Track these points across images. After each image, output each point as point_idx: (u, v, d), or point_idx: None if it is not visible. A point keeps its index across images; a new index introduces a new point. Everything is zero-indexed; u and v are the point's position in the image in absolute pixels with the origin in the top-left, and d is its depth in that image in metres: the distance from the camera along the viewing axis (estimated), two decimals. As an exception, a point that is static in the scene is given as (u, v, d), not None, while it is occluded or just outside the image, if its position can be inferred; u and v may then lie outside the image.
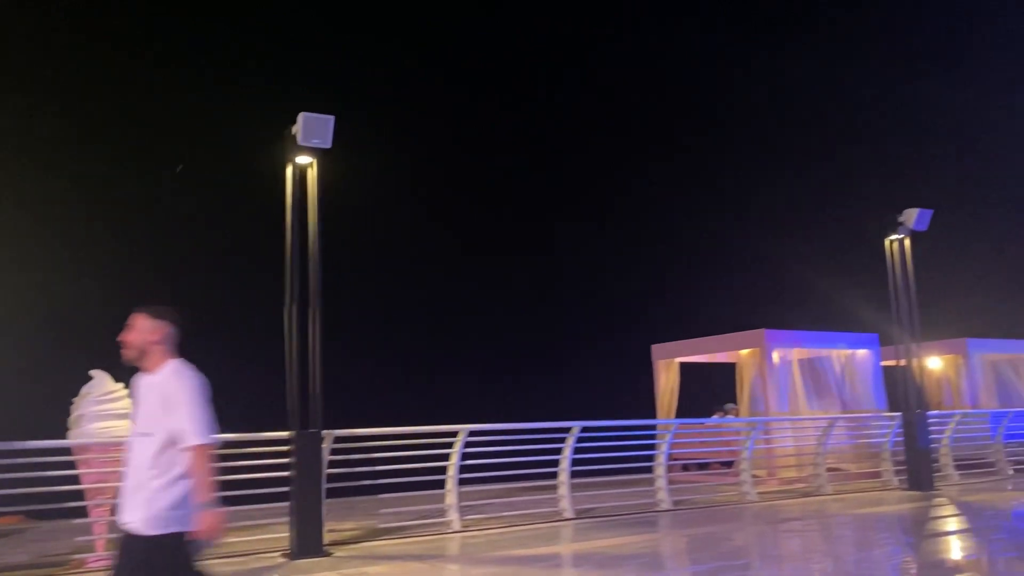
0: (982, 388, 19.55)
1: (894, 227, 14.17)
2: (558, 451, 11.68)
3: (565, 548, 9.79)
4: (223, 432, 4.84)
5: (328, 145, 9.35)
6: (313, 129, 9.23)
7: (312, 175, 9.56)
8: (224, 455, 9.05)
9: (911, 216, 13.93)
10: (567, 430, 11.62)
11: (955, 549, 9.60)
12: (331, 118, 9.29)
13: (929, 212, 13.86)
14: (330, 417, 9.42)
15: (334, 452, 9.65)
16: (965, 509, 12.21)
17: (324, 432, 9.32)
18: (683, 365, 19.19)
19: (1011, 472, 16.11)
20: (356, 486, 12.02)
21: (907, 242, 14.19)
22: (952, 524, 11.35)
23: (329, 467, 9.58)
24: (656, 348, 19.19)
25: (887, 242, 14.32)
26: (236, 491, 9.02)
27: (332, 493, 9.92)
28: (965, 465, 16.11)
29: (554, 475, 11.75)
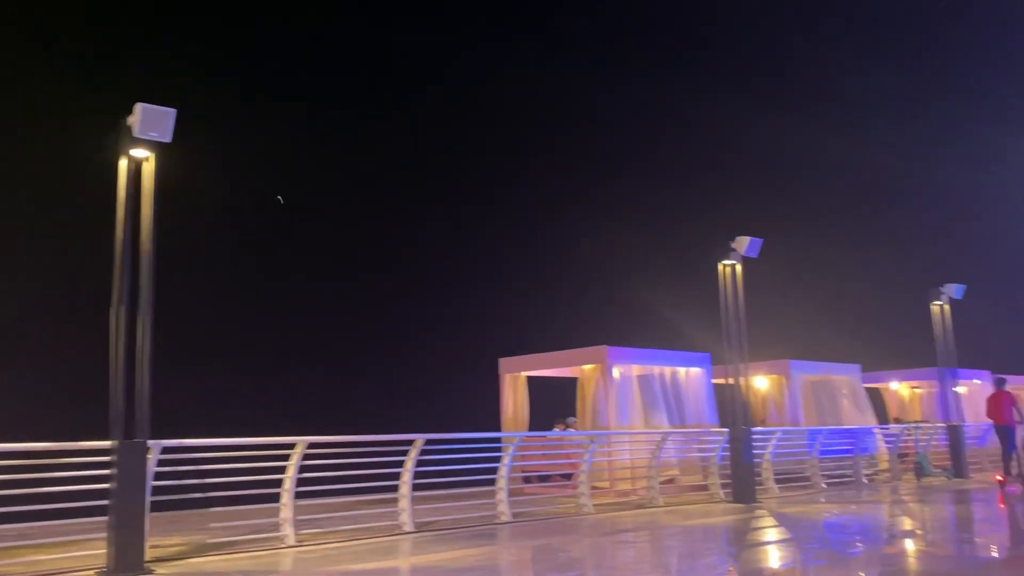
0: (802, 406, 20.96)
1: (727, 253, 15.00)
2: (401, 464, 11.56)
3: (403, 562, 9.68)
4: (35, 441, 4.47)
5: (168, 139, 8.89)
6: (152, 121, 8.75)
7: (149, 170, 9.05)
8: (36, 465, 8.40)
9: (743, 243, 14.79)
10: (410, 443, 11.53)
11: (773, 558, 10.19)
12: (172, 111, 8.84)
13: (759, 240, 14.77)
14: (158, 426, 8.91)
15: (161, 463, 9.13)
16: (783, 520, 13.01)
17: (151, 442, 8.80)
18: (530, 379, 19.52)
19: (824, 486, 17.33)
20: (184, 499, 11.43)
21: (738, 267, 15.05)
22: (771, 535, 12.06)
23: (155, 479, 9.05)
24: (503, 362, 19.41)
25: (720, 267, 15.13)
26: (49, 504, 8.39)
27: (158, 506, 9.38)
28: (784, 479, 17.20)
29: (396, 488, 11.62)
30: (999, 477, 17.48)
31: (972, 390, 26.06)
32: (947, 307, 20.60)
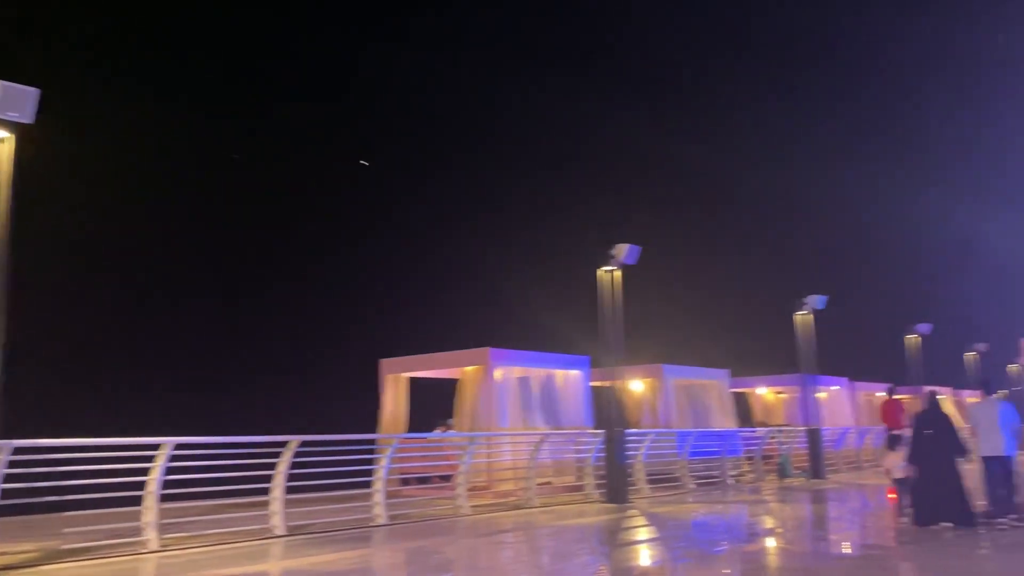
0: (674, 409, 21.68)
1: (607, 260, 15.37)
2: (274, 466, 11.26)
3: (272, 566, 9.43)
4: None
5: (29, 120, 8.36)
6: (12, 100, 8.22)
7: (6, 152, 8.49)
8: None
9: (622, 250, 15.20)
10: (284, 444, 11.24)
11: (643, 557, 10.49)
12: (35, 91, 8.32)
13: (638, 248, 15.21)
14: (9, 426, 8.36)
15: (12, 465, 8.56)
16: (653, 520, 13.42)
17: (1, 442, 8.25)
18: (412, 380, 19.38)
19: (693, 486, 17.97)
20: (38, 503, 10.75)
21: (617, 274, 15.44)
22: (642, 534, 12.41)
23: (5, 481, 8.49)
24: (385, 363, 19.20)
25: (600, 272, 15.49)
26: None
27: (8, 511, 8.80)
28: (656, 479, 17.74)
29: (269, 491, 11.30)
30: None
31: (831, 395, 27.64)
32: (810, 317, 21.77)
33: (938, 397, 12.36)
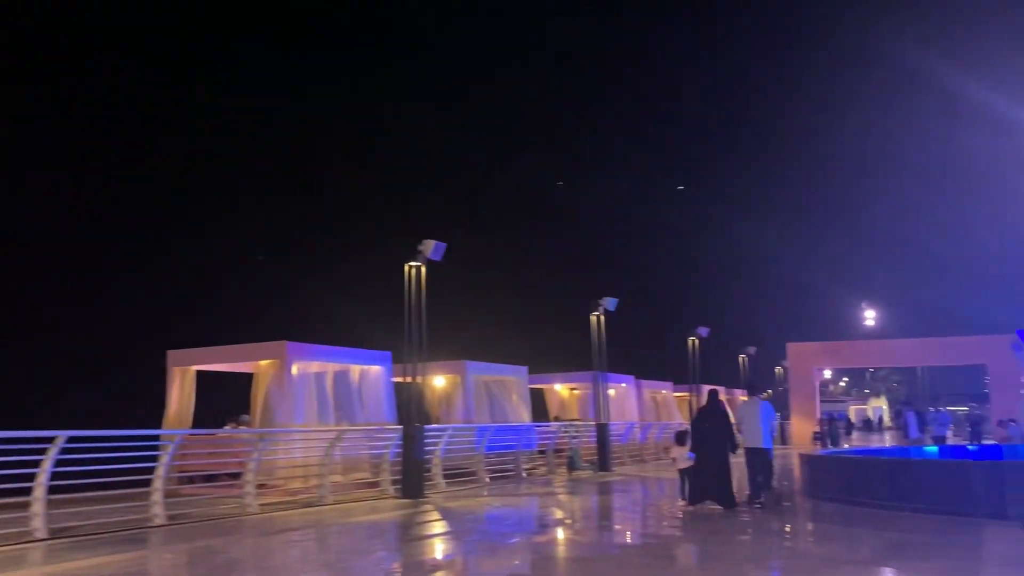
0: (475, 405, 21.99)
1: (413, 255, 15.32)
2: (38, 463, 10.26)
3: (28, 573, 8.57)
4: None
5: None
6: None
7: None
8: None
9: (428, 247, 15.20)
10: (50, 440, 10.28)
11: (436, 551, 10.52)
12: None
13: (443, 245, 15.27)
14: None
15: None
16: (447, 514, 13.51)
17: None
18: (200, 374, 18.38)
19: (488, 480, 18.28)
20: None
21: (423, 269, 15.42)
22: (435, 528, 12.45)
23: None
24: (172, 354, 18.07)
25: (406, 268, 15.40)
26: None
27: None
28: (453, 474, 17.89)
29: (30, 491, 10.28)
30: None
31: (620, 392, 29.13)
32: (603, 317, 22.81)
33: (718, 394, 14.09)
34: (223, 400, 20.44)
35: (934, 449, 20.11)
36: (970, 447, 21.77)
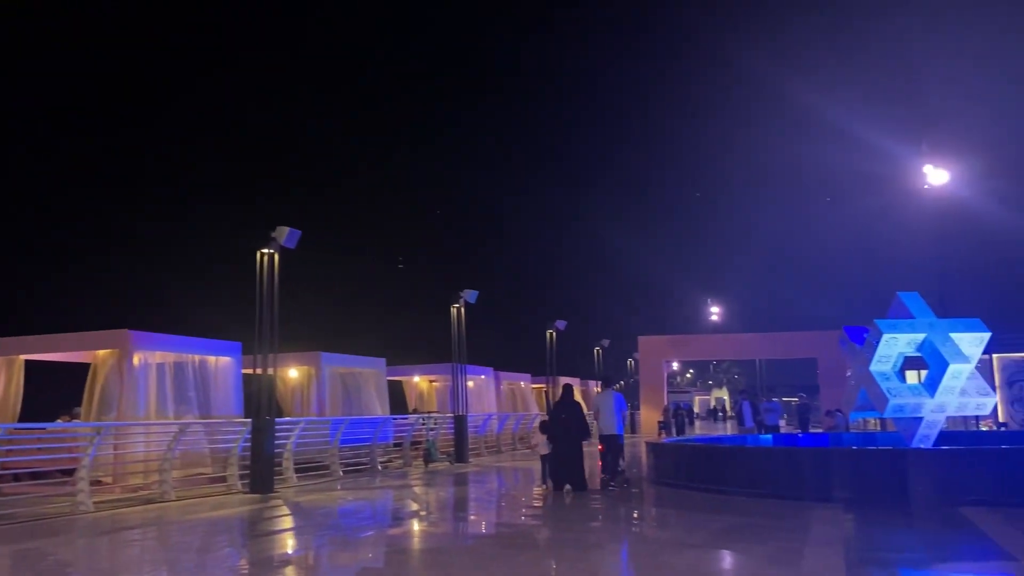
0: (330, 397, 21.54)
1: (266, 242, 14.82)
2: None
3: None
4: None
5: None
6: None
7: None
8: None
9: (283, 233, 14.74)
10: None
11: (284, 546, 10.26)
12: None
13: (298, 232, 14.85)
14: None
15: None
16: (298, 509, 13.19)
17: None
18: (29, 363, 17.11)
19: (342, 474, 17.99)
20: None
21: (276, 257, 14.95)
22: (285, 523, 12.14)
23: None
24: (-4, 342, 16.75)
25: (258, 255, 14.89)
26: None
27: None
28: (306, 468, 17.49)
29: None
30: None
31: (478, 384, 29.33)
32: (463, 310, 22.89)
33: (573, 388, 15.12)
34: (57, 392, 19.13)
35: (768, 437, 21.37)
36: (800, 435, 23.30)
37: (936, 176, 26.13)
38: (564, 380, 33.06)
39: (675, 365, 68.54)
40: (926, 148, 26.32)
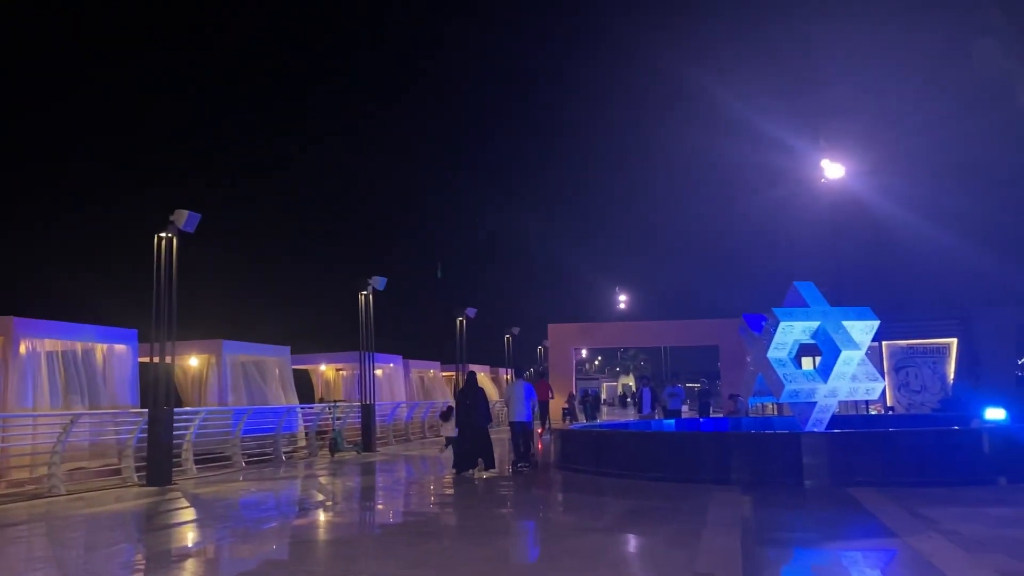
0: (232, 386, 20.95)
1: (164, 225, 14.28)
2: None
3: None
4: None
5: None
6: None
7: None
8: None
9: (181, 217, 14.22)
10: None
11: (184, 540, 9.94)
12: None
13: (197, 216, 14.35)
14: None
15: None
16: (197, 501, 12.81)
17: None
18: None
19: (244, 464, 17.56)
20: None
21: (175, 241, 14.42)
22: (183, 516, 11.76)
23: None
24: None
25: (155, 239, 14.33)
26: None
27: None
28: (207, 459, 16.99)
29: None
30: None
31: (387, 372, 29.06)
32: (371, 297, 22.60)
33: (476, 375, 15.72)
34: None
35: (671, 422, 21.92)
36: (701, 420, 23.94)
37: (833, 170, 27.20)
38: (474, 368, 33.22)
39: (584, 352, 69.48)
40: (824, 143, 27.35)
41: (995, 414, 16.01)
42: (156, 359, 14.42)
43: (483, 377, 25.27)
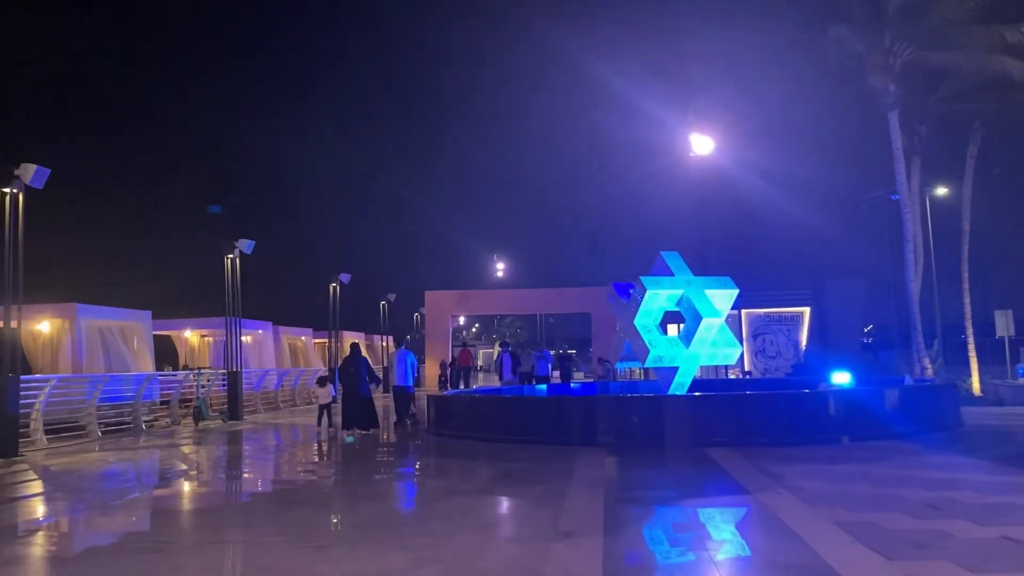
0: (88, 353, 19.87)
1: (8, 180, 13.29)
2: None
3: None
4: None
5: None
6: None
7: None
8: None
9: (28, 171, 13.27)
10: None
11: (33, 513, 9.41)
12: None
13: (46, 171, 13.43)
14: None
15: None
16: (49, 473, 12.14)
17: None
18: None
19: (100, 434, 16.74)
20: None
21: (20, 198, 13.45)
22: (32, 488, 11.13)
23: None
24: None
25: (-1, 194, 13.34)
26: None
27: None
28: (60, 429, 16.10)
29: None
30: None
31: (256, 339, 28.28)
32: (238, 260, 21.84)
33: (359, 345, 17.87)
34: None
35: (543, 388, 22.36)
36: (573, 385, 24.54)
37: (701, 145, 28.14)
38: (348, 335, 32.75)
39: (461, 320, 69.76)
40: (693, 117, 28.22)
41: (841, 378, 17.15)
42: (0, 323, 13.49)
43: (360, 345, 25.09)
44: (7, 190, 13.33)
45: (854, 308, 28.36)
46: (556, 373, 28.00)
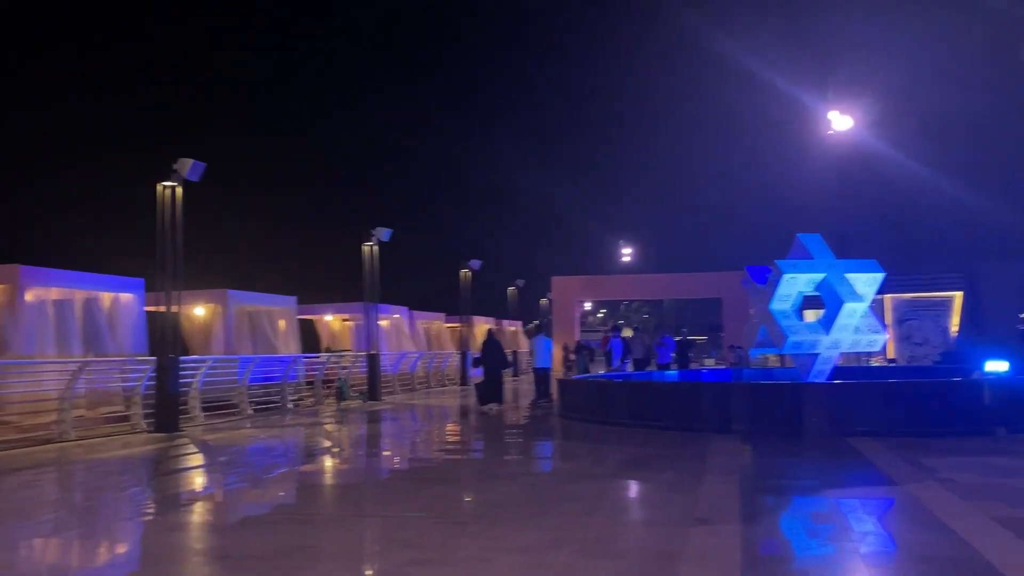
0: (237, 335, 21.09)
1: (168, 174, 14.24)
2: None
3: None
4: None
5: None
6: None
7: None
8: None
9: (185, 165, 14.16)
10: None
11: (193, 484, 10.13)
12: None
13: (202, 164, 14.29)
14: None
15: None
16: (205, 447, 13.00)
17: None
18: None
19: (251, 412, 17.77)
20: None
21: (179, 190, 14.40)
22: (192, 461, 11.96)
23: None
24: None
25: (159, 188, 14.31)
26: None
27: None
28: (214, 407, 17.19)
29: None
30: None
31: (392, 323, 29.22)
32: (376, 248, 22.61)
33: (494, 332, 19.98)
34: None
35: (674, 373, 22.02)
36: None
37: (841, 122, 26.94)
38: (478, 320, 33.32)
39: (588, 305, 69.62)
40: (832, 95, 27.03)
41: (997, 367, 16.05)
42: (163, 308, 14.51)
43: (497, 331, 25.48)
44: (167, 184, 14.28)
45: (1011, 292, 26.46)
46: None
